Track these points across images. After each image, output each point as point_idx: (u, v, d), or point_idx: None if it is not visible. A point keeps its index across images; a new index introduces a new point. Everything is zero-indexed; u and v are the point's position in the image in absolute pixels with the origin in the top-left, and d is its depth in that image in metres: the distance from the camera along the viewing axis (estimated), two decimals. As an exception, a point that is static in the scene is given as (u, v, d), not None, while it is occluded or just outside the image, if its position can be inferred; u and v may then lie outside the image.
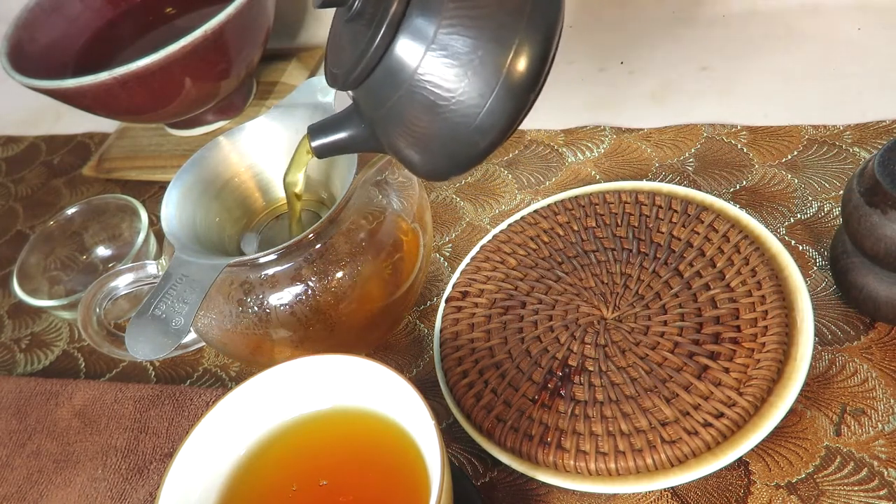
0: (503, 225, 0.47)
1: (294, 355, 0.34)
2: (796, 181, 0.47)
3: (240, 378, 0.47)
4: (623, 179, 0.51)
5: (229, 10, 0.52)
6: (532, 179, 0.54)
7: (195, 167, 0.43)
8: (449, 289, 0.45)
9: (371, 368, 0.32)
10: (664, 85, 0.57)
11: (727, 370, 0.36)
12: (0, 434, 0.48)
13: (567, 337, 0.40)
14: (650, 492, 0.36)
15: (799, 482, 0.35)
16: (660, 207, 0.44)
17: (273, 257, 0.38)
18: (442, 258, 0.50)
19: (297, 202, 0.40)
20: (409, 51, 0.30)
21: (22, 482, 0.45)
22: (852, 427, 0.36)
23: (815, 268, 0.43)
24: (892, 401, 0.36)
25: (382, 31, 0.29)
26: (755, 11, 0.60)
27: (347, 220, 0.40)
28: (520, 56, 0.29)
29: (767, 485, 0.35)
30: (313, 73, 0.68)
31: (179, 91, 0.54)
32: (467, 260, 0.46)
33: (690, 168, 0.50)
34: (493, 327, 0.41)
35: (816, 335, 0.37)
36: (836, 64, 0.54)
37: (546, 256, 0.44)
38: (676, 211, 0.43)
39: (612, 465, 0.35)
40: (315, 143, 0.35)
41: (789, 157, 0.49)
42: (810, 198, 0.46)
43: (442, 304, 0.44)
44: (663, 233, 0.42)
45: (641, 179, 0.50)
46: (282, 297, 0.38)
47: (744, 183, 0.48)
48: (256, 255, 0.37)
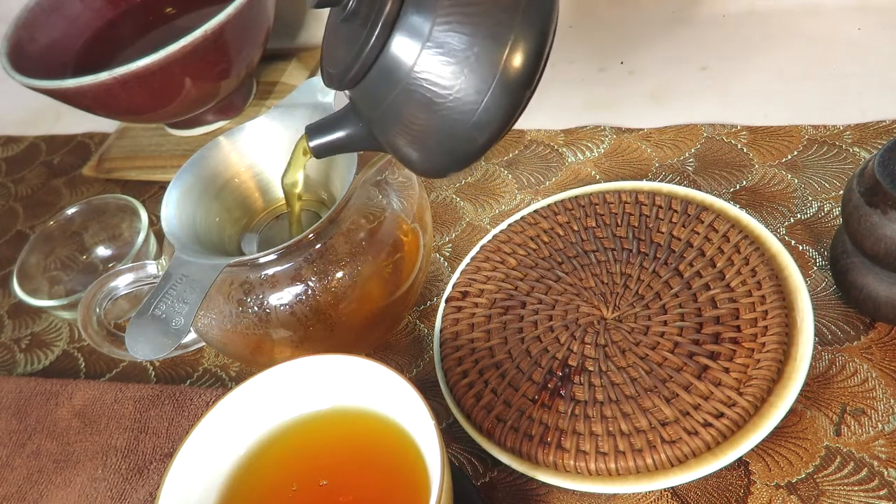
0: (503, 225, 0.47)
1: (294, 355, 0.34)
2: (796, 181, 0.47)
3: (240, 378, 0.47)
4: (623, 179, 0.51)
5: (229, 10, 0.52)
6: (532, 179, 0.53)
7: (195, 167, 0.43)
8: (449, 289, 0.45)
9: (371, 368, 0.32)
10: (664, 85, 0.57)
11: (727, 370, 0.36)
12: (0, 434, 0.48)
13: (567, 337, 0.40)
14: (650, 492, 0.36)
15: (799, 482, 0.35)
16: (660, 207, 0.44)
17: (273, 257, 0.38)
18: (442, 258, 0.50)
19: (297, 202, 0.40)
20: (405, 49, 0.30)
21: (22, 482, 0.45)
22: (852, 427, 0.36)
23: (815, 268, 0.43)
24: (892, 401, 0.36)
25: (378, 31, 0.29)
26: (755, 11, 0.60)
27: (347, 220, 0.40)
28: (515, 52, 0.29)
29: (767, 485, 0.35)
30: (313, 73, 0.68)
31: (179, 91, 0.55)
32: (467, 260, 0.46)
33: (690, 168, 0.50)
34: (493, 327, 0.41)
35: (816, 335, 0.37)
36: (836, 64, 0.54)
37: (546, 256, 0.44)
38: (676, 211, 0.43)
39: (612, 465, 0.35)
40: (313, 143, 0.36)
41: (789, 157, 0.49)
42: (810, 198, 0.46)
43: (442, 304, 0.44)
44: (663, 233, 0.42)
45: (641, 179, 0.50)
46: (282, 297, 0.38)
47: (744, 183, 0.48)
48: (256, 255, 0.37)
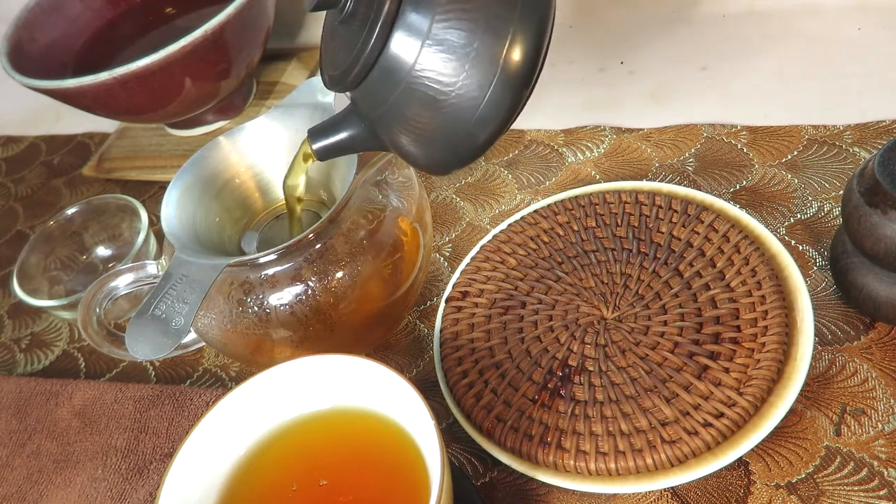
0: (503, 225, 0.47)
1: (294, 355, 0.34)
2: (796, 181, 0.47)
3: (240, 378, 0.47)
4: (623, 179, 0.51)
5: (229, 10, 0.52)
6: (532, 179, 0.53)
7: (195, 167, 0.43)
8: (449, 289, 0.45)
9: (371, 368, 0.32)
10: (664, 85, 0.57)
11: (727, 370, 0.36)
12: (0, 434, 0.48)
13: (567, 337, 0.40)
14: (650, 492, 0.36)
15: (799, 482, 0.35)
16: (660, 207, 0.44)
17: (273, 257, 0.38)
18: (442, 258, 0.50)
19: (298, 205, 0.40)
20: (406, 48, 0.29)
21: (22, 482, 0.45)
22: (852, 427, 0.36)
23: (815, 268, 0.43)
24: (892, 401, 0.36)
25: (377, 31, 0.29)
26: (755, 11, 0.60)
27: (347, 220, 0.40)
28: (515, 45, 0.29)
29: (767, 485, 0.35)
30: (313, 73, 0.68)
31: (179, 91, 0.54)
32: (467, 260, 0.46)
33: (690, 168, 0.50)
34: (493, 327, 0.41)
35: (816, 335, 0.37)
36: (836, 64, 0.54)
37: (546, 256, 0.44)
38: (676, 211, 0.43)
39: (612, 465, 0.35)
40: (316, 146, 0.35)
41: (789, 157, 0.49)
42: (810, 198, 0.46)
43: (442, 304, 0.44)
44: (663, 233, 0.42)
45: (641, 179, 0.50)
46: (282, 297, 0.38)
47: (744, 183, 0.48)
48: (256, 255, 0.37)
